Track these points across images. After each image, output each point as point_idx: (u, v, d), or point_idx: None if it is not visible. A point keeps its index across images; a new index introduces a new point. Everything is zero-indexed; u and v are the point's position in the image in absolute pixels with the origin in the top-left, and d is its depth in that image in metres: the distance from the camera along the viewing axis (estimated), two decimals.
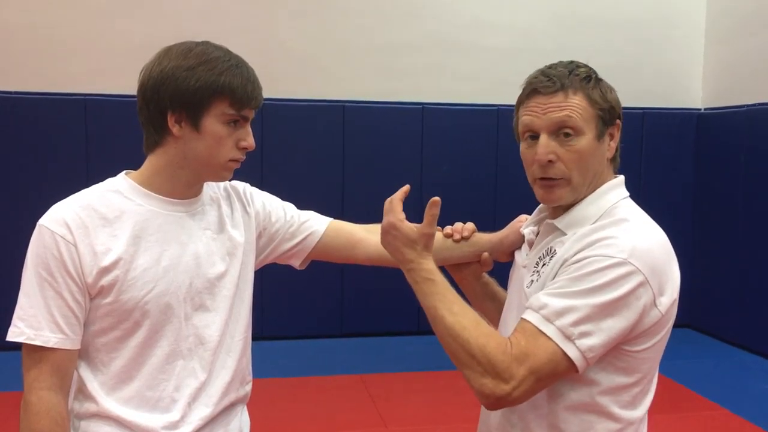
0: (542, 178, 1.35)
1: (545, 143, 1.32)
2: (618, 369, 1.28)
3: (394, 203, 1.37)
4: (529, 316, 1.24)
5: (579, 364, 1.21)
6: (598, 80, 1.36)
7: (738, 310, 5.61)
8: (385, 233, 1.37)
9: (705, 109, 6.27)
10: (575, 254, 1.27)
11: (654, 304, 1.24)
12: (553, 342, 1.21)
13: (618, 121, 1.37)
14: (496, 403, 1.23)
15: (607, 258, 1.22)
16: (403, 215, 1.36)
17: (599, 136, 1.34)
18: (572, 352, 1.21)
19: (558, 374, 1.23)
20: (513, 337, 1.24)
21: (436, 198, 1.33)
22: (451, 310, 1.27)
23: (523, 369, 1.20)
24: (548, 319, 1.22)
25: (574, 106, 1.31)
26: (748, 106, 5.62)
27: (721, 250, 5.82)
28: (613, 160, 1.40)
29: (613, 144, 1.38)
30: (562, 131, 1.31)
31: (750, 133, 5.56)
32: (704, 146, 6.13)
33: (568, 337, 1.20)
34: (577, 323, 1.20)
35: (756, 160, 5.48)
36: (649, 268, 1.23)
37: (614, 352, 1.26)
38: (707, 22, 6.29)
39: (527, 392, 1.21)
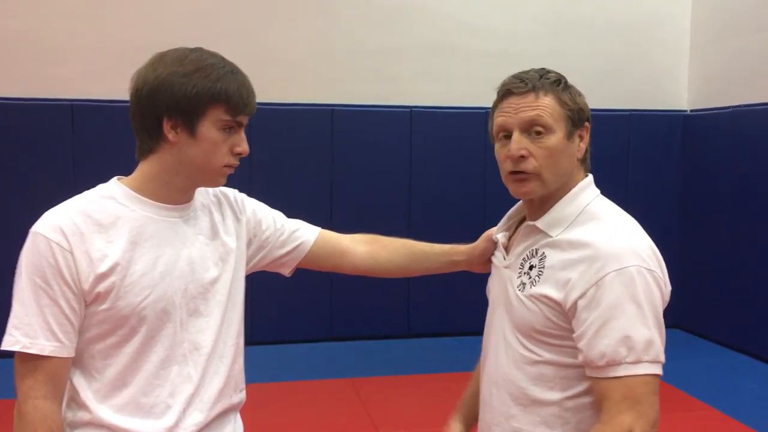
0: (513, 172, 1.42)
1: (518, 139, 1.40)
2: None
3: None
4: (614, 371, 1.29)
5: (662, 373, 1.32)
6: (568, 85, 1.44)
7: (725, 311, 5.65)
8: None
9: (691, 111, 6.32)
10: (583, 276, 1.32)
11: (665, 287, 1.36)
12: (646, 375, 1.29)
13: (587, 123, 1.46)
14: None
15: (620, 270, 1.29)
16: None
17: (568, 136, 1.41)
18: (660, 369, 1.31)
19: (657, 388, 1.31)
20: (603, 391, 1.31)
21: None
22: None
23: (629, 415, 1.27)
24: (639, 361, 1.28)
25: (545, 106, 1.39)
26: (733, 107, 5.67)
27: (708, 250, 5.86)
28: (583, 161, 1.48)
29: (583, 145, 1.46)
30: (534, 129, 1.39)
31: (735, 134, 5.61)
32: (691, 148, 6.18)
33: (659, 362, 1.30)
34: (658, 347, 1.30)
35: (742, 160, 5.53)
36: (654, 261, 1.34)
37: None
38: (692, 26, 6.34)
39: (653, 420, 1.29)
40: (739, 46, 5.78)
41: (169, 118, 1.33)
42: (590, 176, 1.48)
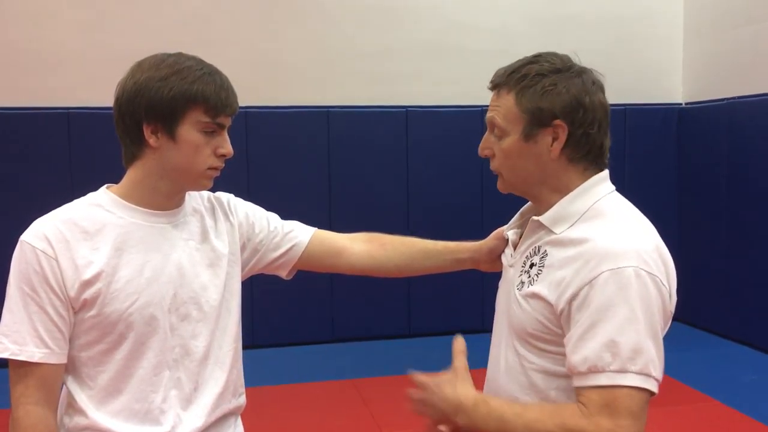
0: None
1: (485, 138, 1.39)
2: None
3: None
4: (596, 380, 1.17)
5: (656, 390, 1.19)
6: (542, 77, 1.31)
7: (724, 302, 5.65)
8: (426, 398, 1.33)
9: (686, 104, 6.33)
10: (579, 273, 1.22)
11: (669, 296, 1.25)
12: (631, 387, 1.16)
13: (558, 122, 1.30)
14: None
15: (617, 270, 1.19)
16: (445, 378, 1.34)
17: (526, 138, 1.31)
18: (654, 386, 1.18)
19: (644, 409, 1.18)
20: (581, 400, 1.19)
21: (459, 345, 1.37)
22: (516, 414, 1.23)
23: (613, 419, 1.15)
24: (624, 370, 1.16)
25: (501, 106, 1.34)
26: (728, 99, 5.67)
27: (706, 243, 5.87)
28: (586, 156, 1.34)
29: (558, 145, 1.31)
30: (494, 129, 1.36)
31: (731, 126, 5.61)
32: (686, 140, 6.19)
33: (648, 375, 1.17)
34: (647, 357, 1.17)
35: (737, 152, 5.54)
36: (657, 266, 1.22)
37: None
38: (685, 18, 6.35)
39: None
40: (733, 39, 5.79)
41: (148, 123, 1.34)
42: (605, 172, 1.37)
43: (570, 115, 1.31)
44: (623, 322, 1.17)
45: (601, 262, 1.20)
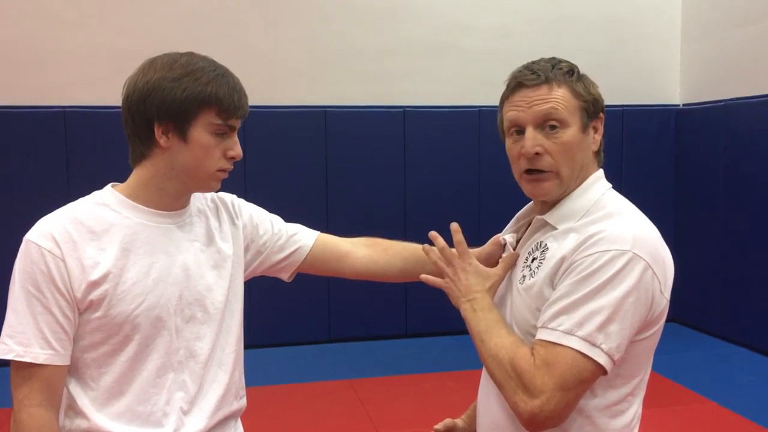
0: (529, 172, 1.35)
1: (532, 136, 1.32)
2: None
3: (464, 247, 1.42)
4: (547, 335, 1.22)
5: (608, 367, 1.21)
6: (581, 75, 1.38)
7: (721, 303, 5.67)
8: (456, 267, 1.41)
9: (683, 105, 6.34)
10: (574, 252, 1.25)
11: (660, 291, 1.25)
12: (575, 350, 1.19)
13: (601, 114, 1.39)
14: (530, 422, 1.20)
15: (609, 252, 1.21)
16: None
17: (584, 129, 1.35)
18: (601, 358, 1.20)
19: (585, 381, 1.21)
20: (534, 349, 1.24)
21: (512, 252, 1.42)
22: (500, 334, 1.29)
23: (548, 379, 1.19)
24: (570, 332, 1.20)
25: (559, 98, 1.32)
26: (725, 100, 5.69)
27: (703, 244, 5.88)
28: (597, 153, 1.41)
29: (598, 137, 1.39)
30: (548, 123, 1.32)
31: (728, 127, 5.63)
32: (684, 142, 6.20)
33: (594, 344, 1.19)
34: (600, 328, 1.19)
35: (734, 154, 5.55)
36: (651, 256, 1.24)
37: None
38: (683, 19, 6.37)
39: (558, 407, 1.19)
40: (730, 40, 5.80)
41: (159, 123, 1.32)
42: (601, 170, 1.41)
43: (603, 108, 1.40)
44: (593, 292, 1.20)
45: (599, 243, 1.23)
